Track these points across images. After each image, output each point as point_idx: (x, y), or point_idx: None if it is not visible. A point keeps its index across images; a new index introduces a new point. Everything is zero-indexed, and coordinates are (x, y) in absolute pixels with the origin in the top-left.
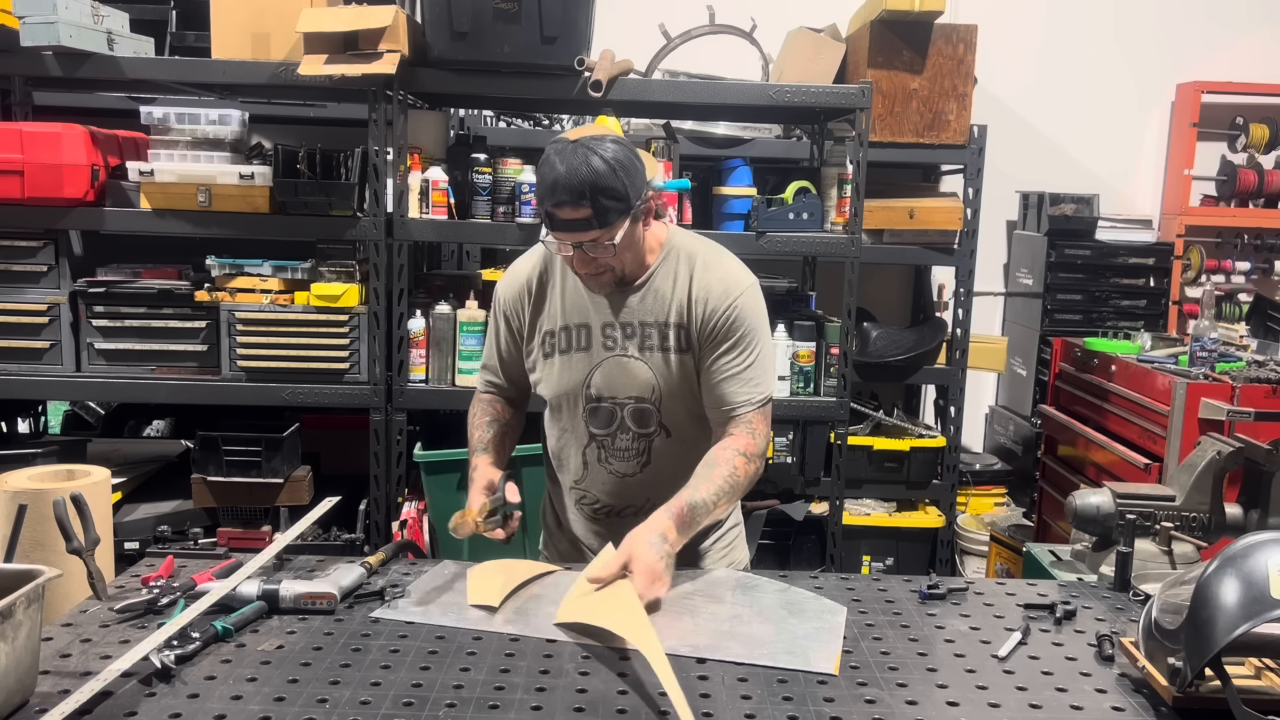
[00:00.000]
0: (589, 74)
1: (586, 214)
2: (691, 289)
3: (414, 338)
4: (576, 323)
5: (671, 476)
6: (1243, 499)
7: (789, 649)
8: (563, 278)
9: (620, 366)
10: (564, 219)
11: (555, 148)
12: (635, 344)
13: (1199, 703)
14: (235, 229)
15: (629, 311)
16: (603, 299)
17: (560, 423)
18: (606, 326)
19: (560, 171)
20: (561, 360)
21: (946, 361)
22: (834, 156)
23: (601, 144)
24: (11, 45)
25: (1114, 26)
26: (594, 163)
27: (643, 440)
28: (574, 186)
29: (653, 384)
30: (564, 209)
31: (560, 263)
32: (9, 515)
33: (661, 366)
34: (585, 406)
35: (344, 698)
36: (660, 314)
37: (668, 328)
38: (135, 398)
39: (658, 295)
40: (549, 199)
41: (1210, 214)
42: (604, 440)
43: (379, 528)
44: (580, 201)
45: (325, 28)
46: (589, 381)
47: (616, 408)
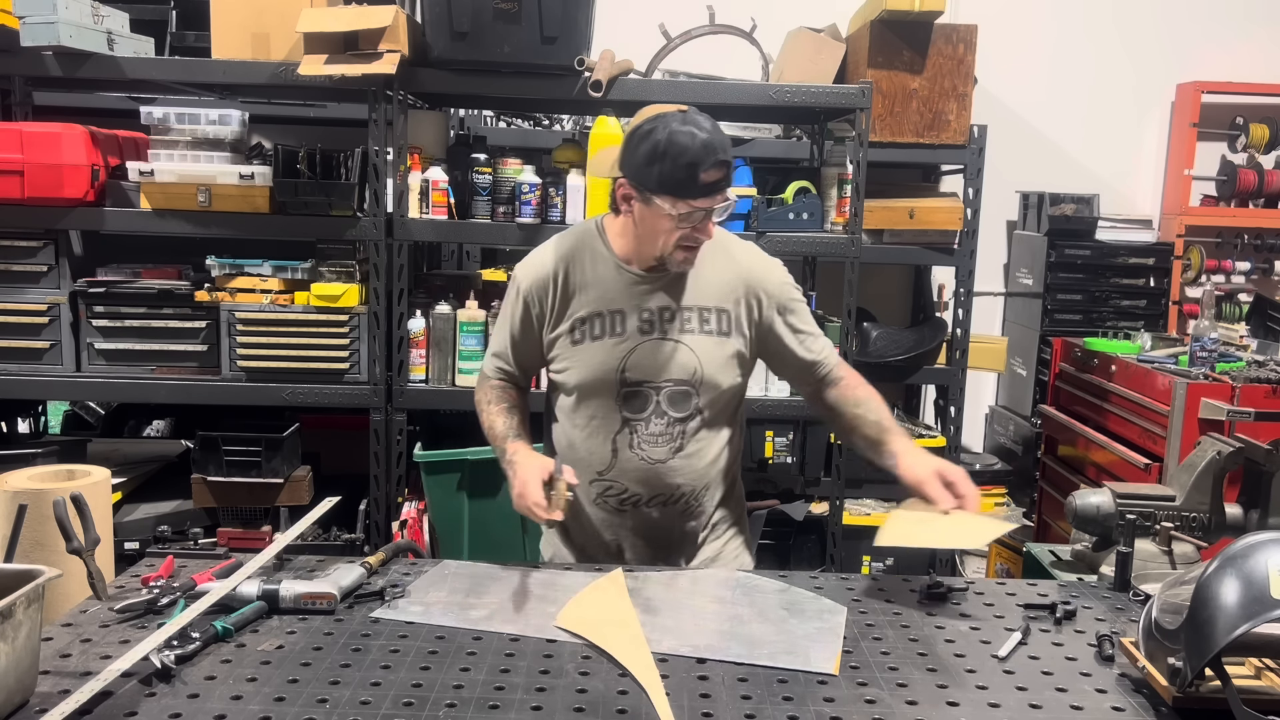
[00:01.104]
0: (589, 74)
1: (726, 173)
2: (734, 274)
3: (414, 338)
4: (610, 309)
5: (702, 463)
6: (1243, 499)
7: (789, 649)
8: (592, 265)
9: (659, 349)
10: (708, 182)
11: (674, 119)
12: (676, 327)
13: (1199, 703)
14: (235, 229)
15: (668, 296)
16: (640, 284)
17: (586, 410)
18: (643, 311)
19: (704, 135)
20: (594, 346)
21: (946, 361)
22: (834, 156)
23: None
24: (11, 45)
25: (1114, 26)
26: (710, 124)
27: (678, 425)
28: (716, 147)
29: (694, 366)
30: (712, 171)
31: (589, 251)
32: (9, 515)
33: (704, 348)
34: (619, 391)
35: (344, 698)
36: (700, 297)
37: (709, 311)
38: (135, 398)
39: (696, 279)
40: (699, 165)
41: (1210, 214)
42: (637, 425)
43: (379, 528)
44: (722, 163)
45: (325, 28)
46: (624, 365)
47: (652, 391)
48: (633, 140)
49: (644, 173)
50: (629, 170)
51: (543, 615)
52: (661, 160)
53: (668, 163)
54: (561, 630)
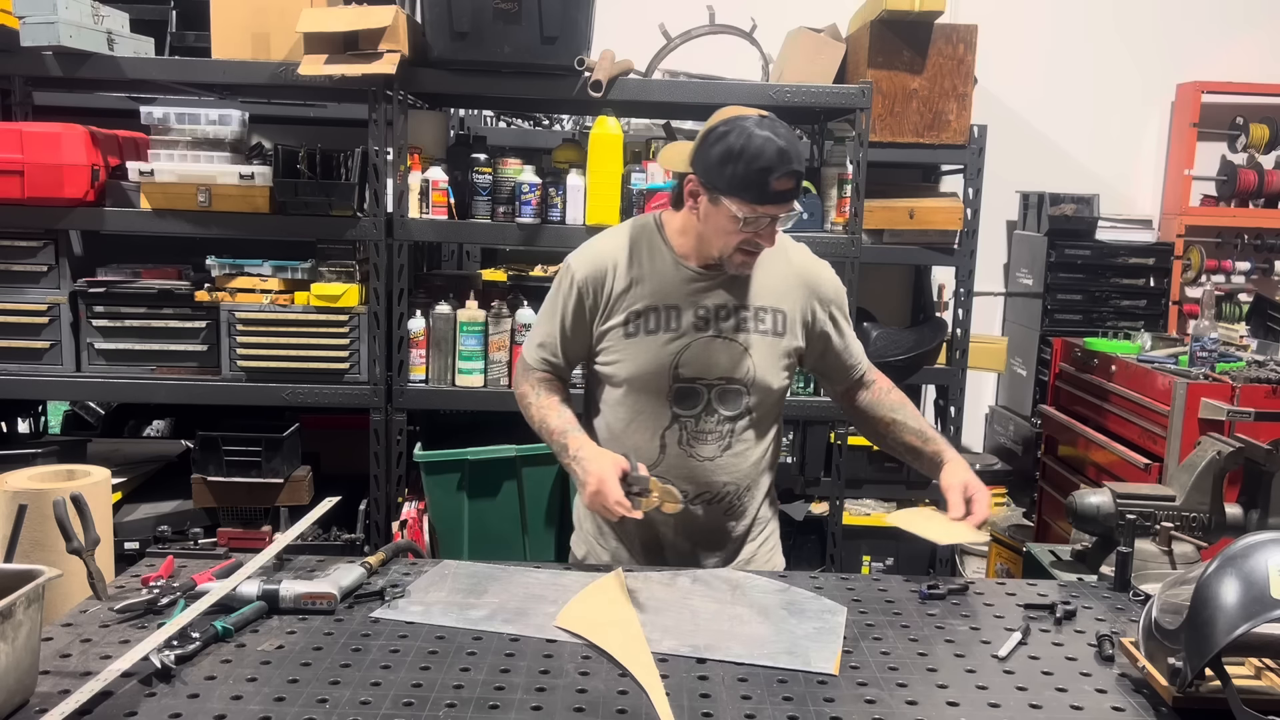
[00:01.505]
0: (589, 74)
1: (795, 184)
2: (788, 273)
3: (414, 338)
4: (666, 304)
5: (748, 462)
6: (1243, 499)
7: (789, 649)
8: (650, 259)
9: (714, 347)
10: (779, 190)
11: (751, 122)
12: (731, 325)
13: (1199, 703)
14: (235, 229)
15: (724, 294)
16: (697, 282)
17: (634, 404)
18: (699, 308)
19: (782, 142)
20: (648, 340)
21: (947, 361)
22: (834, 156)
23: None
24: (11, 45)
25: (1114, 26)
26: (786, 130)
27: (727, 423)
28: (795, 156)
29: (748, 366)
30: (785, 179)
31: (647, 246)
32: (9, 515)
33: (757, 348)
34: (672, 387)
35: (344, 698)
36: (756, 297)
37: (765, 311)
38: (135, 398)
39: (753, 279)
40: (773, 171)
41: (1210, 214)
42: (687, 422)
43: (379, 528)
44: (795, 173)
45: (325, 28)
46: (678, 361)
47: (704, 388)
48: (709, 139)
49: (716, 172)
50: (700, 167)
51: (543, 615)
52: (735, 162)
53: (741, 165)
54: (561, 630)
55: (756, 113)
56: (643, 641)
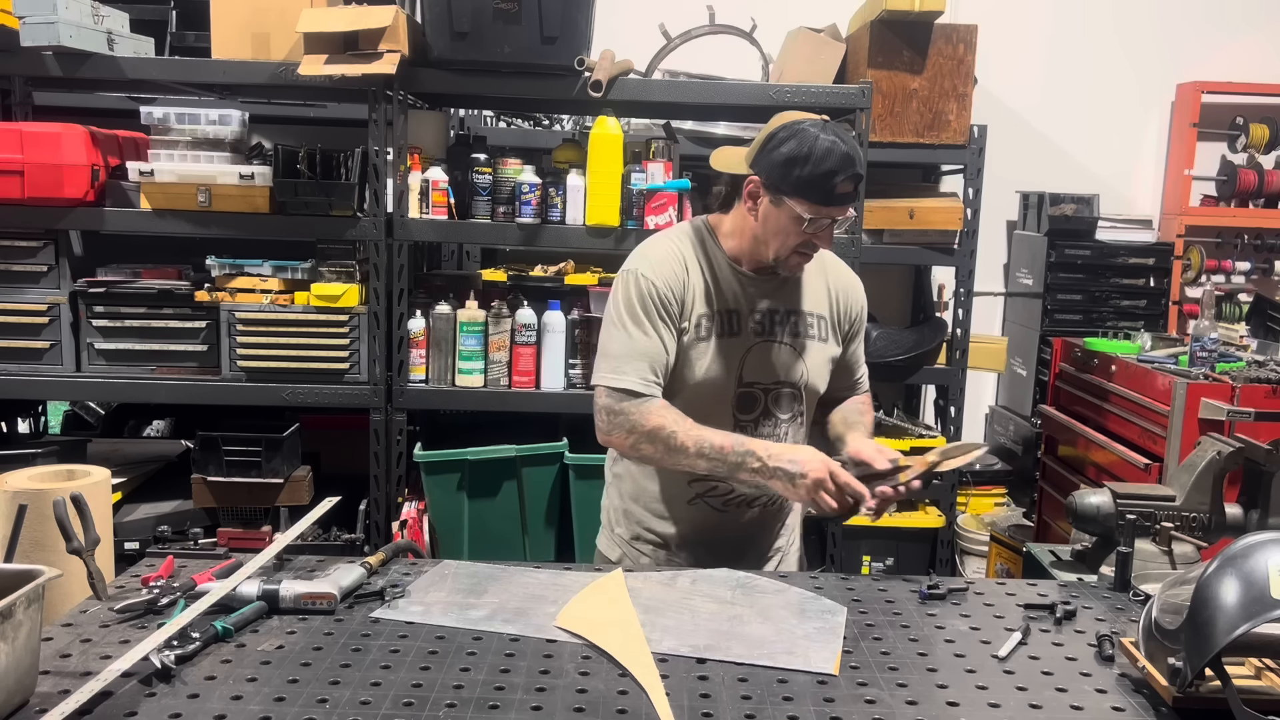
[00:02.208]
0: (589, 74)
1: (856, 188)
2: (830, 283)
3: (414, 338)
4: (728, 308)
5: None
6: (1243, 499)
7: (789, 649)
8: (709, 263)
9: (772, 352)
10: (843, 193)
11: (814, 125)
12: (786, 330)
13: (1199, 703)
14: (235, 229)
15: (778, 300)
16: (751, 286)
17: (694, 410)
18: (755, 313)
19: (846, 147)
20: (716, 344)
21: (946, 361)
22: None
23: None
24: (11, 45)
25: (1114, 26)
26: (850, 136)
27: (783, 426)
28: (854, 159)
29: (802, 370)
30: (847, 183)
31: (703, 251)
32: (9, 515)
33: (809, 353)
34: (735, 392)
35: (344, 698)
36: (807, 303)
37: (812, 317)
38: (135, 398)
39: (799, 284)
40: (837, 175)
41: (1210, 214)
42: (747, 427)
43: (379, 528)
44: (858, 175)
45: (325, 28)
46: (742, 366)
47: (762, 393)
48: (772, 141)
49: (780, 174)
50: (764, 169)
51: (543, 615)
52: (803, 165)
53: (809, 168)
54: (561, 630)
55: (817, 118)
56: (643, 641)
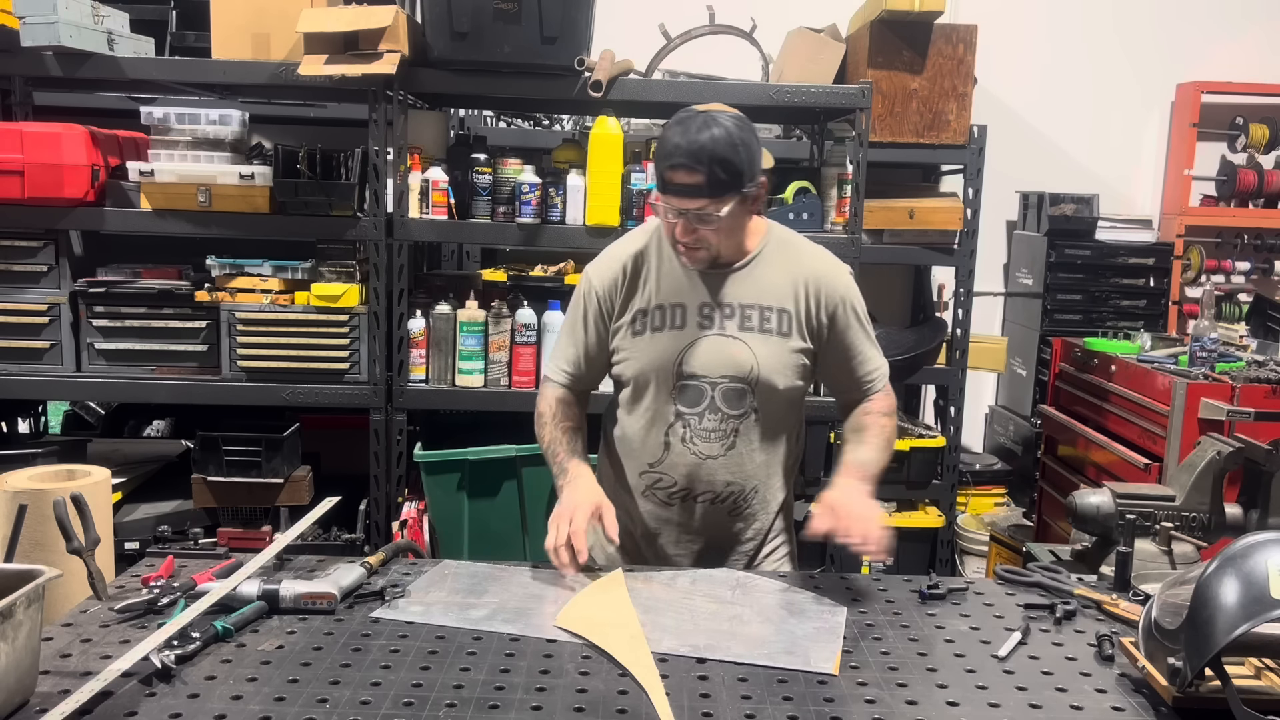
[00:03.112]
0: (589, 74)
1: (700, 181)
2: (800, 276)
3: (414, 338)
4: (672, 302)
5: (754, 462)
6: (1243, 499)
7: (789, 649)
8: (659, 259)
9: (717, 345)
10: (677, 183)
11: (682, 114)
12: (735, 324)
13: (1199, 703)
14: (235, 229)
15: (729, 293)
16: (703, 279)
17: (642, 402)
18: (704, 306)
19: (683, 135)
20: (653, 337)
21: (946, 361)
22: (834, 156)
23: (729, 118)
24: (11, 45)
25: (1114, 26)
26: (718, 134)
27: (730, 422)
28: (694, 152)
29: (751, 364)
30: (680, 172)
31: (657, 245)
32: (9, 515)
33: (762, 347)
34: (675, 384)
35: (344, 698)
36: (764, 297)
37: (770, 311)
38: (135, 398)
39: (761, 280)
40: (667, 160)
41: (1210, 214)
42: (690, 419)
43: (379, 528)
44: (697, 168)
45: (325, 28)
46: (682, 359)
47: (708, 386)
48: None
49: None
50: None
51: (543, 615)
52: (658, 152)
53: (659, 155)
54: (561, 630)
55: (712, 109)
56: (643, 641)
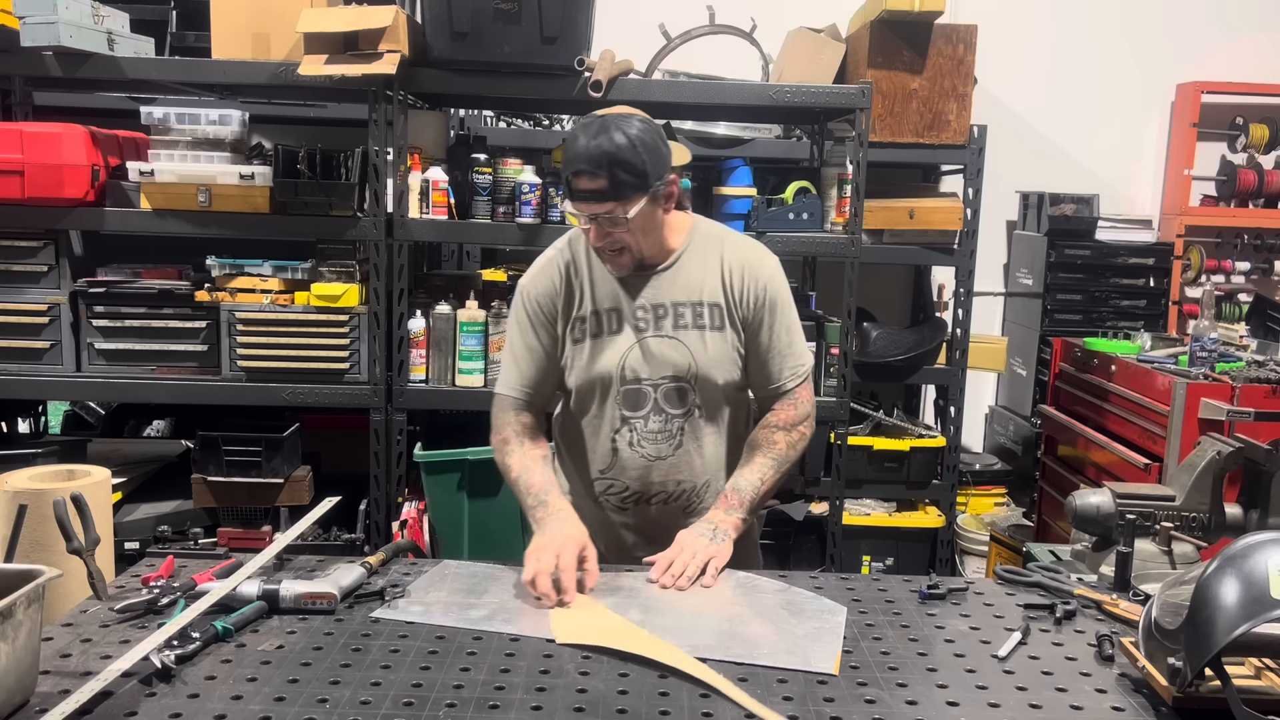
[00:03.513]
0: (589, 74)
1: (602, 185)
2: (724, 267)
3: (414, 338)
4: (607, 307)
5: (703, 458)
6: (1243, 499)
7: (789, 649)
8: (589, 267)
9: (654, 346)
10: (581, 189)
11: (583, 120)
12: (669, 323)
13: (1199, 703)
14: (235, 229)
15: (659, 293)
16: (633, 283)
17: (588, 409)
18: (638, 309)
19: (582, 142)
20: (593, 345)
21: (946, 361)
22: (834, 156)
23: (628, 121)
24: (12, 45)
25: (1114, 27)
26: (616, 137)
27: (675, 421)
28: (594, 157)
29: (688, 362)
30: (581, 178)
31: (585, 253)
32: (9, 515)
33: (697, 344)
34: (619, 389)
35: (344, 698)
36: (693, 293)
37: (701, 306)
38: (135, 398)
39: (689, 276)
40: (570, 167)
41: (1210, 214)
42: (635, 423)
43: (379, 528)
44: (598, 172)
45: (325, 28)
46: (623, 363)
47: (650, 389)
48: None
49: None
50: None
51: (542, 615)
52: (563, 161)
53: (563, 164)
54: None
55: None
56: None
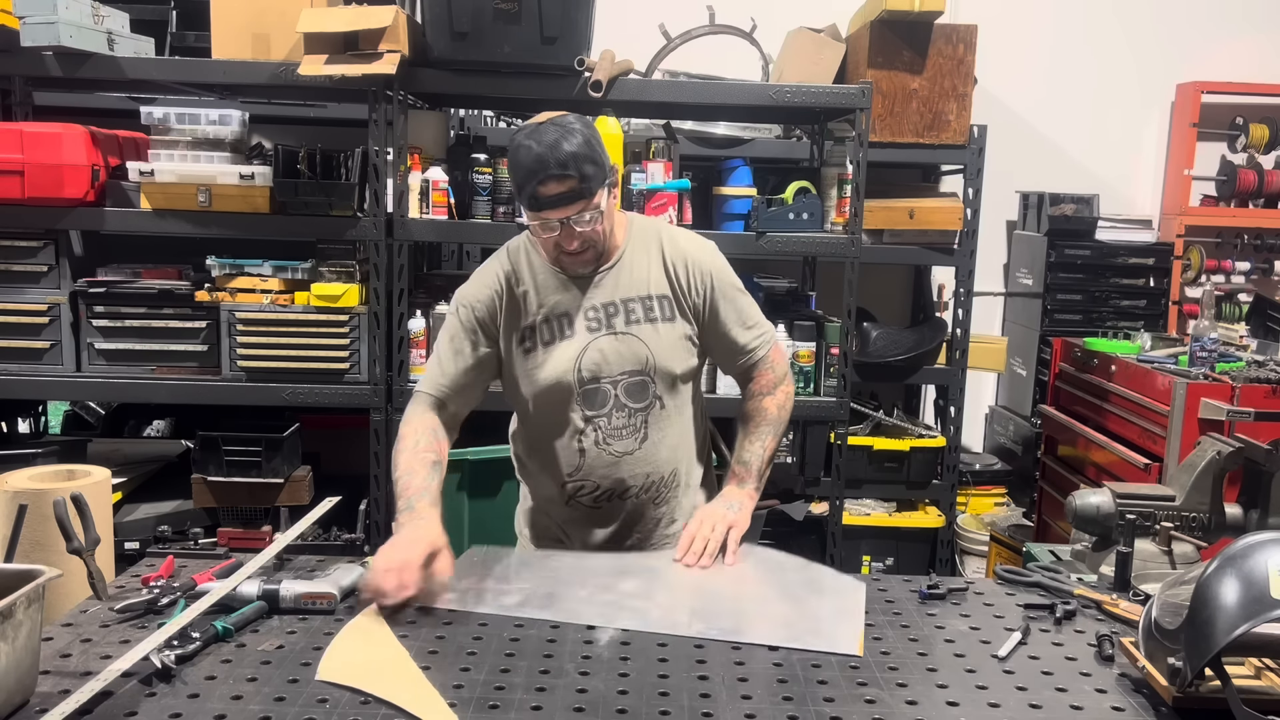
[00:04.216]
0: (589, 74)
1: (573, 185)
2: (666, 258)
3: (414, 338)
4: (557, 313)
5: (669, 448)
6: (1243, 499)
7: (813, 629)
8: (531, 276)
9: (610, 344)
10: (550, 195)
11: (524, 132)
12: (621, 320)
13: (1199, 703)
14: (235, 229)
15: (607, 291)
16: (580, 284)
17: (548, 416)
18: (588, 310)
19: (540, 149)
20: (545, 351)
21: (946, 361)
22: (834, 156)
23: (566, 120)
24: (12, 45)
25: (1114, 26)
26: (571, 137)
27: (639, 415)
28: (559, 159)
29: (645, 355)
30: (549, 184)
31: (525, 263)
32: (9, 515)
33: (652, 337)
34: (578, 391)
35: (344, 698)
36: (640, 288)
37: (650, 299)
38: (135, 398)
39: (633, 271)
40: (533, 178)
41: (1210, 214)
42: (599, 422)
43: (379, 528)
44: (566, 173)
45: (325, 28)
46: (579, 365)
47: (610, 386)
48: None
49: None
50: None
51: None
52: (514, 176)
53: (513, 177)
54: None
55: (553, 116)
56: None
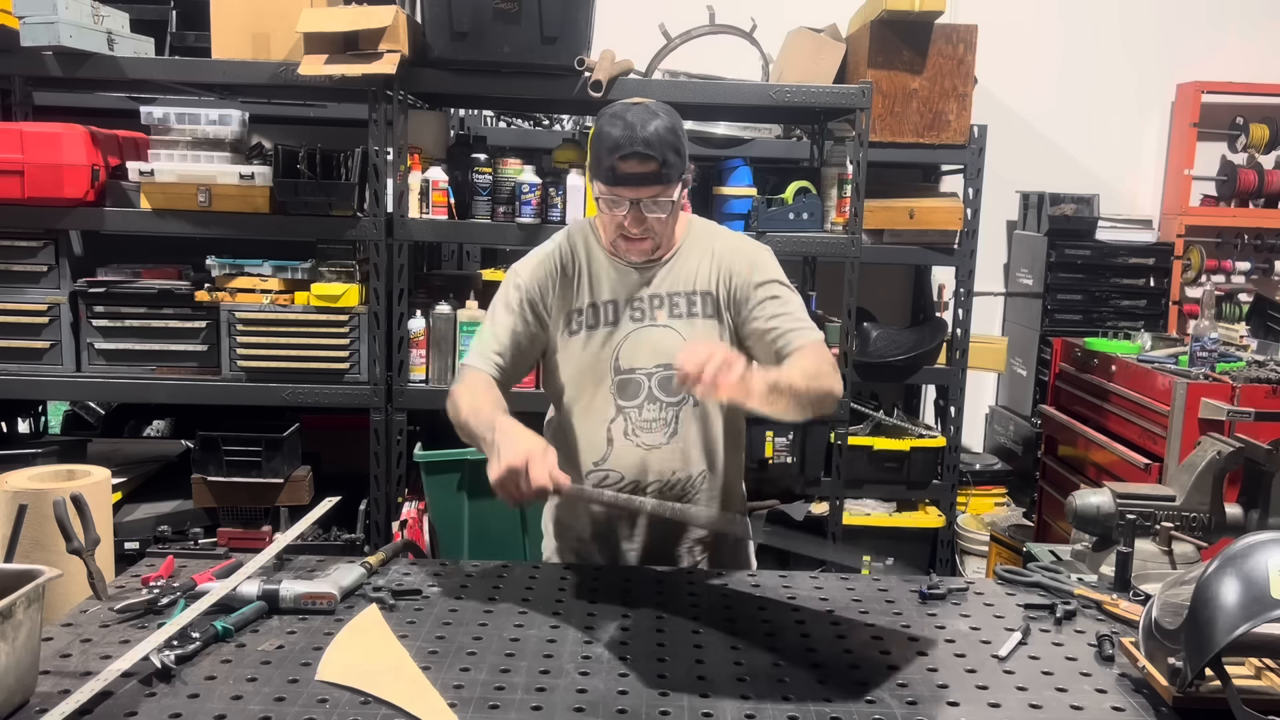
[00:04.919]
0: (589, 74)
1: (654, 167)
2: (717, 256)
3: (414, 338)
4: (605, 299)
5: (698, 446)
6: (1243, 499)
7: None
8: (588, 259)
9: (649, 335)
10: (628, 172)
11: (618, 107)
12: (665, 312)
13: (1199, 703)
14: (235, 229)
15: (658, 284)
16: (631, 275)
17: (581, 401)
18: (635, 300)
19: (631, 125)
20: (588, 336)
21: (946, 361)
22: (834, 156)
23: (660, 105)
24: (11, 45)
25: (1114, 26)
26: (661, 121)
27: (671, 410)
28: (649, 140)
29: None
30: (630, 162)
31: (584, 247)
32: (9, 515)
33: (690, 332)
34: (613, 379)
35: (344, 698)
36: (688, 284)
37: (695, 295)
38: (135, 398)
39: (684, 267)
40: (616, 151)
41: (1210, 214)
42: (630, 412)
43: (379, 528)
44: (649, 153)
45: (325, 28)
46: (617, 353)
47: (644, 378)
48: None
49: (589, 160)
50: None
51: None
52: (594, 147)
53: (595, 148)
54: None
55: (642, 101)
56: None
